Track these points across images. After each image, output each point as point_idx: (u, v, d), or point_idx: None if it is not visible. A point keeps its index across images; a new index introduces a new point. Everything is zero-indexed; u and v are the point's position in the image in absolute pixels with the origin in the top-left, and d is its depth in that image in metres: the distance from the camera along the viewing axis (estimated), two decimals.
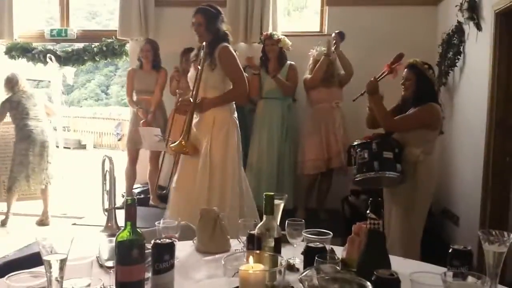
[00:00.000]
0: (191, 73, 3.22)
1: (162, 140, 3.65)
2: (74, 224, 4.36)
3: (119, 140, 14.06)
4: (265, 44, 4.47)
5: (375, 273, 1.12)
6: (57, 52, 5.20)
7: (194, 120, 3.14)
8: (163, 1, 4.99)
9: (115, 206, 3.86)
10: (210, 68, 3.05)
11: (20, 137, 4.61)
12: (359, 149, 3.04)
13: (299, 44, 4.40)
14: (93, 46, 5.12)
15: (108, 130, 15.39)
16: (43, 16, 6.34)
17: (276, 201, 1.55)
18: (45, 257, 1.10)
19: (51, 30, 5.28)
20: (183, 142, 3.08)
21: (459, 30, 3.96)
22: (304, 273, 1.03)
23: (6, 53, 5.27)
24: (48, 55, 5.08)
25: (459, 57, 3.98)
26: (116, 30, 5.01)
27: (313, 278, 0.97)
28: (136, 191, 4.91)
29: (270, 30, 4.67)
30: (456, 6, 3.88)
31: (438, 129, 3.16)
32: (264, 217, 1.42)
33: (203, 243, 1.85)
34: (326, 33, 4.86)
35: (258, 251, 1.26)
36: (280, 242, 1.43)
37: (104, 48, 5.06)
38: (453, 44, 4.05)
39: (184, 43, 4.55)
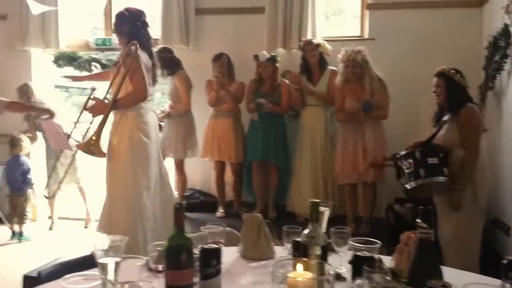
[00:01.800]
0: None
1: (65, 137, 3.60)
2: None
3: None
4: (304, 51, 4.44)
5: (427, 284, 1.09)
6: (102, 60, 5.38)
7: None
8: (203, 9, 5.07)
9: None
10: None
11: (47, 145, 4.82)
12: (404, 160, 3.08)
13: (339, 49, 4.35)
14: None
15: None
16: (87, 26, 6.56)
17: (322, 208, 1.54)
18: (99, 260, 1.14)
19: (96, 40, 5.46)
20: (92, 142, 3.09)
21: (505, 33, 3.81)
22: (356, 283, 1.02)
23: (54, 62, 5.50)
24: (93, 63, 5.26)
25: (506, 60, 3.83)
26: (158, 39, 5.12)
27: (364, 287, 0.96)
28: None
29: (309, 36, 4.65)
30: (502, 8, 3.75)
31: (481, 127, 3.17)
32: (310, 225, 1.41)
33: (248, 249, 1.86)
34: (367, 37, 4.80)
35: (306, 259, 1.25)
36: (327, 250, 1.42)
37: None
38: (500, 47, 3.90)
39: (224, 50, 4.62)
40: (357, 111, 3.98)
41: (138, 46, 3.10)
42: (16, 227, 4.76)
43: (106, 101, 3.16)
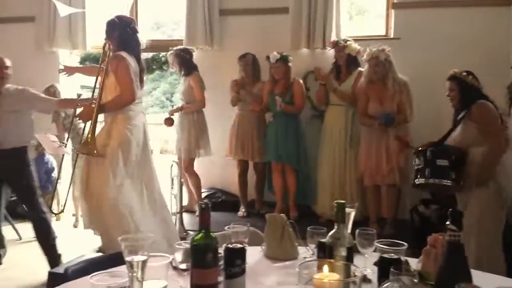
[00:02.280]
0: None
1: (61, 145, 3.65)
2: None
3: None
4: (334, 51, 4.45)
5: (456, 287, 1.07)
6: None
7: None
8: (227, 10, 5.10)
9: (182, 210, 3.96)
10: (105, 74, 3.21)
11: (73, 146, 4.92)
12: (415, 156, 3.18)
13: (365, 49, 4.30)
14: (160, 55, 5.31)
15: (173, 136, 15.83)
16: None
17: (347, 210, 1.52)
18: (127, 258, 1.15)
19: None
20: (89, 140, 3.16)
21: None
22: (385, 285, 1.00)
23: (80, 63, 5.60)
24: None
25: None
26: (182, 40, 5.17)
27: None
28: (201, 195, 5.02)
29: (333, 36, 4.62)
30: None
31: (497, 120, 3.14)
32: (335, 226, 1.40)
33: (271, 249, 1.86)
34: (392, 36, 4.74)
35: (331, 260, 1.24)
36: (353, 251, 1.40)
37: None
38: None
39: (248, 50, 4.63)
40: (378, 124, 3.95)
41: (125, 51, 3.22)
42: None
43: (93, 105, 3.25)
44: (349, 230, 1.58)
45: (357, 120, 4.34)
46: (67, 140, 3.63)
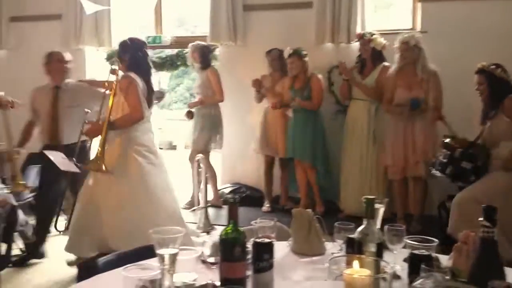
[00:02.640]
0: None
1: (70, 161, 3.67)
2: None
3: None
4: (359, 44, 4.40)
5: (489, 284, 1.05)
6: (153, 58, 5.50)
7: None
8: (251, 5, 5.09)
9: (208, 205, 3.99)
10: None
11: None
12: (445, 149, 3.33)
13: (390, 43, 4.24)
14: (185, 51, 5.35)
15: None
16: (137, 24, 6.74)
17: (377, 205, 1.51)
18: (158, 251, 1.17)
19: (147, 37, 5.59)
20: (98, 156, 3.21)
21: None
22: (418, 282, 0.99)
23: (107, 59, 5.67)
24: None
25: None
26: (206, 36, 5.19)
27: (425, 287, 0.94)
28: (226, 190, 5.05)
29: (358, 29, 4.57)
30: None
31: None
32: (365, 221, 1.39)
33: (298, 244, 1.86)
34: (419, 30, 4.66)
35: (362, 256, 1.24)
36: (382, 247, 1.39)
37: None
38: None
39: (272, 46, 4.62)
40: (405, 107, 3.89)
41: (135, 72, 3.29)
42: None
43: (100, 122, 3.34)
44: (378, 226, 1.57)
45: (381, 115, 4.29)
46: (76, 156, 3.73)
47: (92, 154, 3.50)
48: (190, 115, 4.82)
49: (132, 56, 3.38)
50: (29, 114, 3.98)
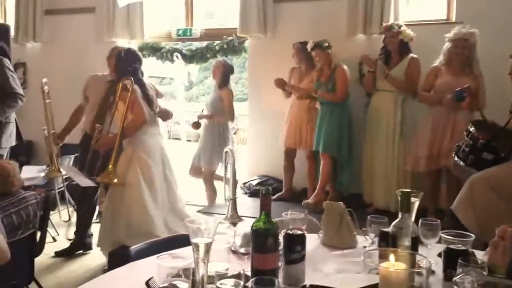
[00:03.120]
0: None
1: (85, 175, 3.73)
2: (199, 212, 4.62)
3: (234, 133, 14.61)
4: (385, 36, 4.30)
5: None
6: (183, 50, 5.54)
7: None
8: None
9: (236, 196, 4.00)
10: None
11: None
12: (468, 135, 3.24)
13: (423, 34, 4.15)
14: (215, 44, 5.37)
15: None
16: (168, 17, 6.80)
17: (412, 199, 1.48)
18: (193, 240, 1.18)
19: (178, 30, 5.64)
20: (110, 170, 3.34)
21: None
22: (457, 277, 0.97)
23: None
24: (175, 53, 5.42)
25: None
26: (236, 28, 5.19)
27: (465, 282, 0.91)
28: (253, 182, 5.06)
29: (391, 20, 4.46)
30: None
31: None
32: (400, 215, 1.37)
33: (329, 237, 1.84)
34: (453, 21, 4.53)
35: (397, 249, 1.22)
36: (417, 241, 1.36)
37: (225, 46, 5.27)
38: None
39: (302, 37, 4.57)
40: (445, 96, 3.78)
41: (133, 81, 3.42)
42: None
43: (110, 134, 3.52)
44: (413, 220, 1.54)
45: (409, 106, 4.18)
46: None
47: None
48: (196, 125, 4.81)
49: (123, 69, 3.54)
50: (81, 99, 4.10)
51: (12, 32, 5.13)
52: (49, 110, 4.07)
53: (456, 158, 3.32)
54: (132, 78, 3.43)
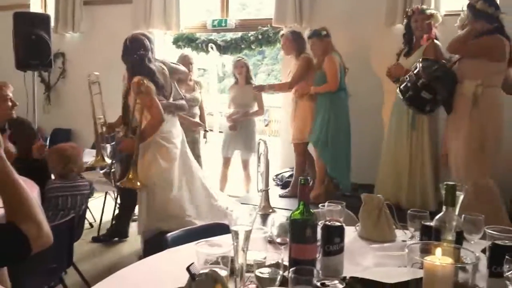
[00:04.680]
0: None
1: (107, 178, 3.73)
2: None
3: (266, 125, 14.56)
4: (412, 20, 4.00)
5: None
6: (218, 41, 5.55)
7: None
8: None
9: (268, 188, 4.00)
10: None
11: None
12: (412, 73, 3.49)
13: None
14: (249, 34, 5.35)
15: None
16: (203, 8, 6.82)
17: (457, 192, 1.43)
18: (233, 228, 1.17)
19: (213, 21, 5.64)
20: (130, 176, 3.27)
21: None
22: (510, 272, 0.93)
23: (173, 43, 5.79)
24: (210, 44, 5.43)
25: None
26: (271, 19, 5.15)
27: None
28: (285, 174, 5.04)
29: (432, 10, 4.31)
30: None
31: (502, 61, 3.28)
32: (444, 208, 1.32)
33: (367, 230, 1.81)
34: None
35: (444, 244, 1.18)
36: (462, 236, 1.32)
37: (260, 37, 5.24)
38: None
39: (338, 27, 4.49)
40: None
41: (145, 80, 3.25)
42: None
43: (130, 137, 3.41)
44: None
45: None
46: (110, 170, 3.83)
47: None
48: (234, 127, 4.87)
49: (131, 61, 3.40)
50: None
51: (52, 23, 5.24)
52: (98, 101, 4.03)
53: (397, 90, 3.59)
54: (141, 76, 3.27)
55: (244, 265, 1.19)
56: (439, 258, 1.02)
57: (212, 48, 5.41)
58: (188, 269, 1.05)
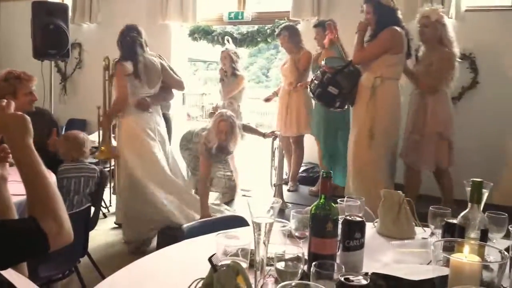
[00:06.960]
0: None
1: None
2: (244, 196, 4.63)
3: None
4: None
5: None
6: (234, 34, 5.52)
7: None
8: None
9: (282, 182, 3.99)
10: None
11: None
12: (318, 72, 3.61)
13: (487, 20, 3.90)
14: (266, 27, 5.31)
15: (269, 110, 15.99)
16: (221, 0, 6.77)
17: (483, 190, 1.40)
18: (255, 220, 1.16)
19: (229, 13, 5.62)
20: (102, 148, 3.79)
21: None
22: None
23: (189, 35, 5.78)
24: (226, 37, 5.40)
25: None
26: (288, 11, 5.11)
27: None
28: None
29: (453, 5, 4.22)
30: None
31: (400, 53, 3.35)
32: (469, 205, 1.29)
33: (386, 226, 1.78)
34: None
35: (471, 241, 1.15)
36: (487, 234, 1.29)
37: (276, 30, 5.20)
38: None
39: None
40: None
41: (124, 58, 3.58)
42: None
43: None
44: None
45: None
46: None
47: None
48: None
49: (124, 44, 3.63)
50: None
51: (70, 13, 5.26)
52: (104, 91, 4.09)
53: (308, 90, 3.71)
54: (127, 57, 3.55)
55: (265, 258, 1.17)
56: (466, 256, 0.99)
57: (228, 41, 5.38)
58: (210, 259, 1.03)
